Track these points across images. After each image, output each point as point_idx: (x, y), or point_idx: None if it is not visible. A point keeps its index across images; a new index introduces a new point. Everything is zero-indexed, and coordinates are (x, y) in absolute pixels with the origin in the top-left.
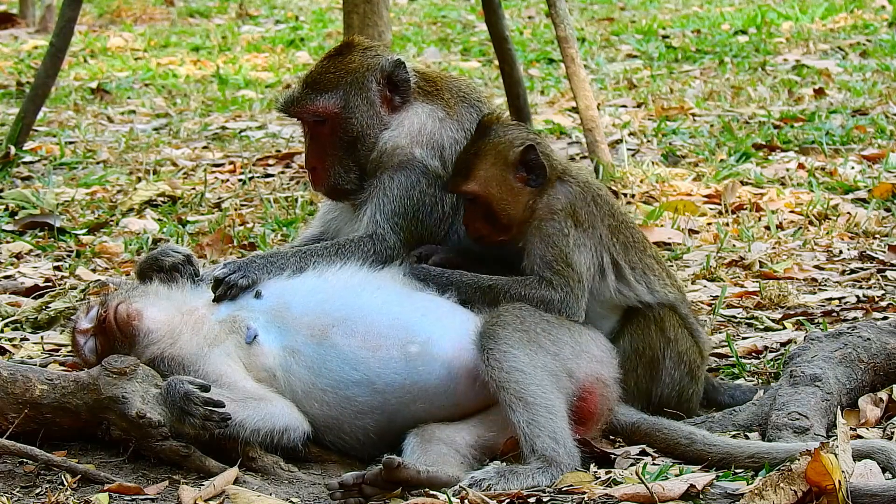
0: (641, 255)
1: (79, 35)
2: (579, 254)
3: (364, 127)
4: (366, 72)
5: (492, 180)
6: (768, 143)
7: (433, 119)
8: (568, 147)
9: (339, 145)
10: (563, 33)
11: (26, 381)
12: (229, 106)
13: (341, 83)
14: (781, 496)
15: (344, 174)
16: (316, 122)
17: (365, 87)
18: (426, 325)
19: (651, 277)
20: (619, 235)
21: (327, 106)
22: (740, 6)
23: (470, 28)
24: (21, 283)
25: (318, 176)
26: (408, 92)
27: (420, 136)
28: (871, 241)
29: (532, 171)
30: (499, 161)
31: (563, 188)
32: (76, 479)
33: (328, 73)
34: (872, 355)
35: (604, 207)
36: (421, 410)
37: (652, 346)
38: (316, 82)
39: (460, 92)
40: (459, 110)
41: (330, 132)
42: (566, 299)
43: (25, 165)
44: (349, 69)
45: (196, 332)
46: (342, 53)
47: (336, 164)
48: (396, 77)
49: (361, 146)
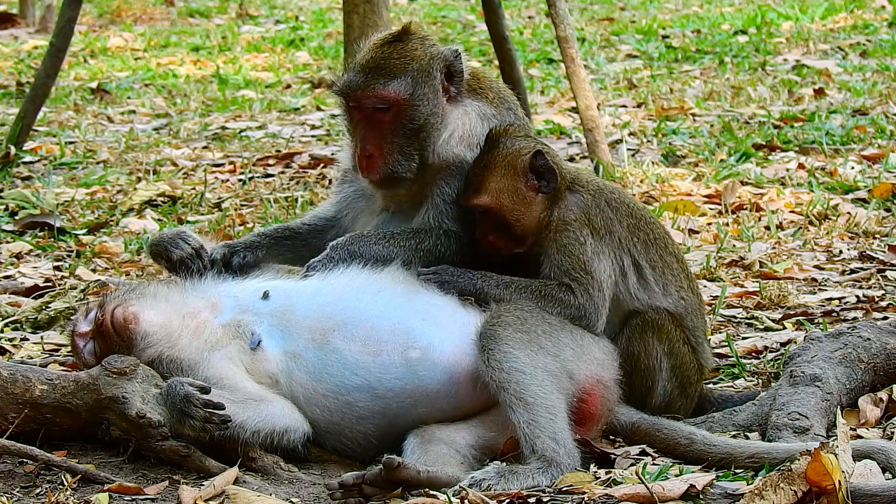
0: (662, 253)
1: (79, 35)
2: (598, 262)
3: (428, 115)
4: (431, 60)
5: (503, 191)
6: (768, 143)
7: (480, 118)
8: (568, 147)
9: (401, 133)
10: (563, 33)
11: (26, 381)
12: (229, 106)
13: (409, 70)
14: (781, 496)
15: (404, 162)
16: (377, 108)
17: (431, 76)
18: (427, 330)
19: (669, 278)
20: (639, 233)
21: (397, 92)
22: (740, 6)
23: (470, 28)
24: (21, 283)
25: (374, 163)
26: (461, 84)
27: (471, 138)
28: (871, 241)
29: (542, 177)
30: (508, 171)
31: (574, 198)
32: (76, 479)
33: (392, 59)
34: (872, 355)
35: (620, 209)
36: (422, 414)
37: (648, 355)
38: (381, 68)
39: (501, 92)
40: (502, 110)
41: (392, 119)
42: (585, 306)
43: (25, 165)
44: (414, 56)
45: (197, 336)
46: (401, 40)
47: (396, 151)
48: (454, 68)
49: (424, 135)
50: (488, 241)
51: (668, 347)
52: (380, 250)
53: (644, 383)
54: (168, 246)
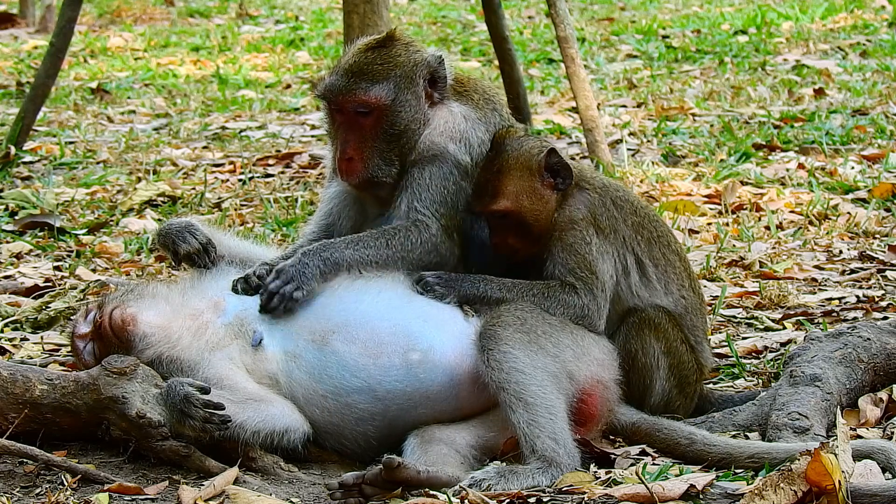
0: (665, 251)
1: (79, 35)
2: (602, 262)
3: (409, 121)
4: (414, 66)
5: (522, 193)
6: (768, 143)
7: (465, 118)
8: (568, 147)
9: (382, 137)
10: (563, 33)
11: (26, 381)
12: (229, 106)
13: (391, 75)
14: (781, 496)
15: (384, 167)
16: (359, 112)
17: (413, 82)
18: (427, 332)
19: (671, 276)
20: (643, 231)
21: (379, 97)
22: (740, 6)
23: (470, 28)
24: (21, 283)
25: (354, 167)
26: (445, 89)
27: (454, 132)
28: (871, 241)
29: (558, 174)
30: (524, 172)
31: (581, 196)
32: (76, 479)
33: (376, 64)
34: (872, 355)
35: (625, 207)
36: (422, 416)
37: (646, 353)
38: (364, 73)
39: (486, 94)
40: (486, 112)
41: (374, 124)
42: (589, 306)
43: (25, 165)
44: (398, 62)
45: (198, 338)
46: (385, 46)
47: (376, 156)
48: (437, 74)
49: (405, 140)
50: (507, 245)
51: (665, 346)
52: (350, 254)
53: (642, 381)
54: (175, 239)
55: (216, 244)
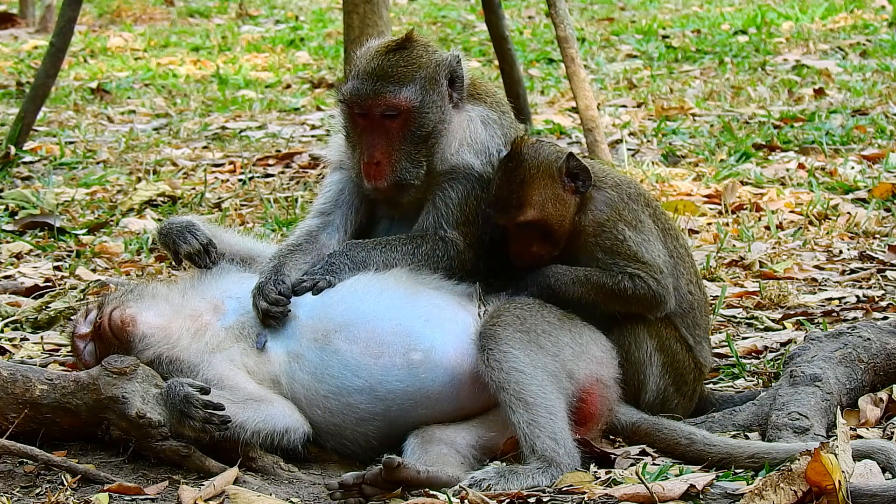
0: (676, 243)
1: (79, 35)
2: (647, 249)
3: (436, 122)
4: (437, 67)
5: (547, 201)
6: (768, 143)
7: (484, 123)
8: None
9: (409, 140)
10: (563, 33)
11: (26, 381)
12: (229, 106)
13: (416, 77)
14: (781, 496)
15: (412, 169)
16: (385, 116)
17: (438, 83)
18: (429, 332)
19: (681, 270)
20: (658, 223)
21: (408, 99)
22: (740, 6)
23: (470, 28)
24: (21, 283)
25: (381, 171)
26: (463, 89)
27: (474, 143)
28: (871, 241)
29: (577, 178)
30: (546, 180)
31: (599, 196)
32: (76, 479)
33: (400, 66)
34: (872, 355)
35: (640, 200)
36: (423, 416)
37: (639, 347)
38: (389, 76)
39: (495, 96)
40: (500, 115)
41: (400, 127)
42: (659, 292)
43: (25, 165)
44: (420, 63)
45: (198, 339)
46: (405, 48)
47: (403, 159)
48: (456, 74)
49: (433, 141)
50: (529, 253)
51: (658, 343)
52: (378, 256)
53: (636, 377)
54: (176, 239)
55: (217, 242)
